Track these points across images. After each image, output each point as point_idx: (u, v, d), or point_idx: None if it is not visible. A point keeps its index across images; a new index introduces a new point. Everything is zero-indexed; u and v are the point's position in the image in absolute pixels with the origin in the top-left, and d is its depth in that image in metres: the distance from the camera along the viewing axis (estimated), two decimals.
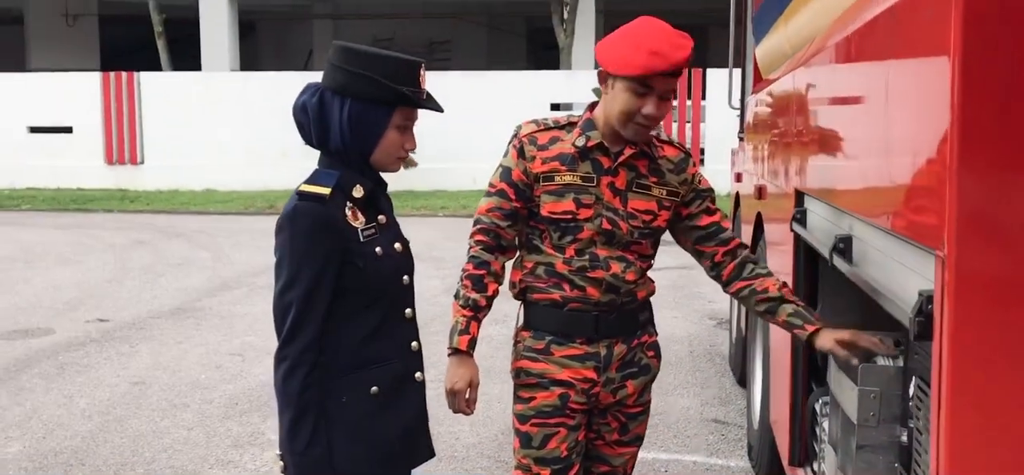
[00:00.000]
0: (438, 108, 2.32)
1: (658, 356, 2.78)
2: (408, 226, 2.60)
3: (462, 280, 2.63)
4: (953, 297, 1.42)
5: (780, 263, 3.48)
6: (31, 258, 11.35)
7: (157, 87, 19.88)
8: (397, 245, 2.38)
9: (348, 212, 2.27)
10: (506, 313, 2.88)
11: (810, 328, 2.56)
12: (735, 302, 6.09)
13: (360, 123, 2.25)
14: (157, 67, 20.72)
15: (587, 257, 2.57)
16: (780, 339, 3.55)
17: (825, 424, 2.85)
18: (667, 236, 2.73)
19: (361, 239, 2.27)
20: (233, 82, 20.17)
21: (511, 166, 2.63)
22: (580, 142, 2.58)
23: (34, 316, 8.11)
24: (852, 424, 2.24)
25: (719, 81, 7.19)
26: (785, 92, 3.58)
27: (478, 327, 2.62)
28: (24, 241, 12.77)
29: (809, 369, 3.26)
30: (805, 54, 3.25)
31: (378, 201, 2.36)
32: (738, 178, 6.30)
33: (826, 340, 2.48)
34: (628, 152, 2.58)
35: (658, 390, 3.89)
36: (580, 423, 2.66)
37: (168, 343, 7.16)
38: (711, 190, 2.73)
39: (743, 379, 5.55)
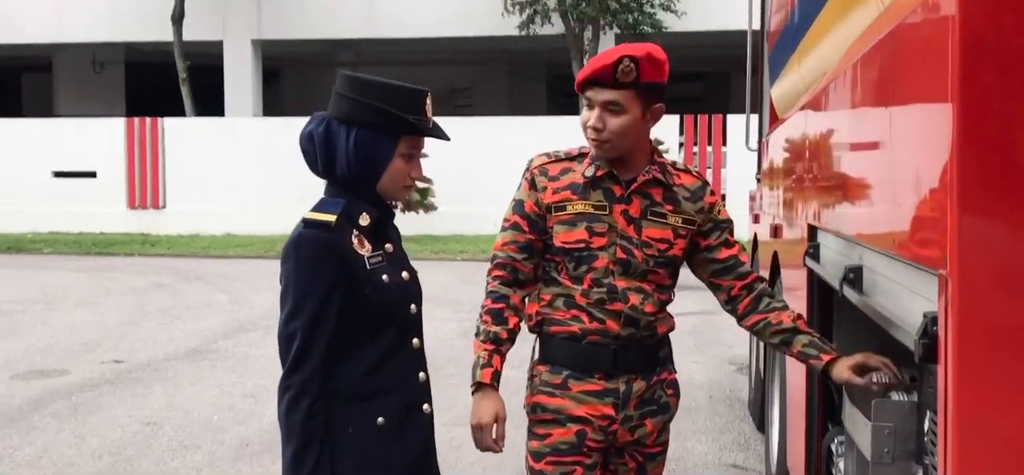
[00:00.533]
0: (444, 136, 2.31)
1: (677, 394, 2.72)
2: (426, 270, 2.57)
3: (481, 316, 2.58)
4: (957, 314, 1.41)
5: (797, 303, 3.43)
6: (51, 300, 11.42)
7: (180, 133, 20.09)
8: (405, 274, 2.35)
9: (354, 240, 2.25)
10: (521, 356, 2.82)
11: (826, 357, 2.51)
12: (756, 346, 6.05)
13: (366, 151, 2.24)
14: (181, 113, 20.94)
15: (605, 288, 2.53)
16: (796, 379, 3.49)
17: (840, 464, 2.78)
18: (690, 279, 2.68)
19: (368, 267, 2.25)
20: (254, 127, 20.36)
21: (523, 198, 2.62)
22: (589, 172, 2.57)
23: (50, 357, 8.12)
24: (866, 461, 2.18)
25: (741, 127, 7.23)
26: (796, 129, 3.56)
27: (501, 361, 2.56)
28: (45, 283, 12.85)
29: (825, 408, 3.19)
30: (813, 92, 3.24)
31: (385, 229, 2.35)
32: (756, 220, 6.27)
33: (841, 370, 2.44)
34: (641, 179, 2.55)
35: (676, 435, 3.82)
36: (596, 462, 2.60)
37: (182, 384, 7.14)
38: (730, 221, 2.68)
39: (763, 424, 5.47)
